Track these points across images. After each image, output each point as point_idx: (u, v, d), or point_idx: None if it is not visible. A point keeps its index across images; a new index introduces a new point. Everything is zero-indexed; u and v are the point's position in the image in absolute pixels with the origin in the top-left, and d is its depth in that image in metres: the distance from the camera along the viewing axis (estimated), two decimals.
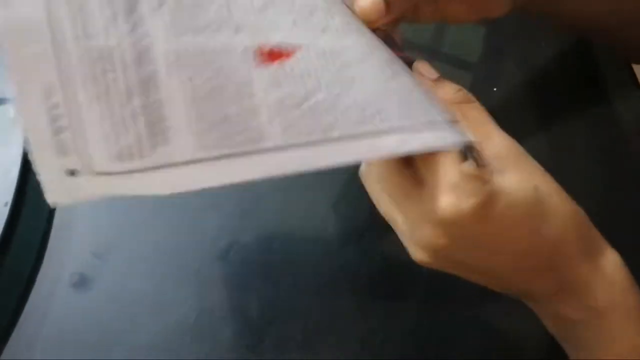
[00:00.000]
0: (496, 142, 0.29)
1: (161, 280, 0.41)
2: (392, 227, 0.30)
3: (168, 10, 0.22)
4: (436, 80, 0.30)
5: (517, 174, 0.28)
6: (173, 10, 0.22)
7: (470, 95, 0.30)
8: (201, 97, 0.22)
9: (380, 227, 0.31)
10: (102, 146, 0.20)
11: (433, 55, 0.49)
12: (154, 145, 0.21)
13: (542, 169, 0.29)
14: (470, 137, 0.26)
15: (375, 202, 0.30)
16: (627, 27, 0.39)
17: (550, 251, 0.28)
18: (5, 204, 0.39)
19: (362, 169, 0.31)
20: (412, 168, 0.28)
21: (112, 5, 0.20)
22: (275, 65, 0.24)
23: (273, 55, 0.24)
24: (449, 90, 0.30)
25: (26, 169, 0.41)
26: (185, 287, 0.41)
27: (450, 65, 0.49)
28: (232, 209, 0.43)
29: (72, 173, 0.19)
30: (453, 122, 0.26)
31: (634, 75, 0.47)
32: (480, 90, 0.48)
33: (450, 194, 0.26)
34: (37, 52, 0.19)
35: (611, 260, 0.29)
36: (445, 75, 0.33)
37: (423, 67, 0.30)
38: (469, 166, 0.26)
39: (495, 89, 0.47)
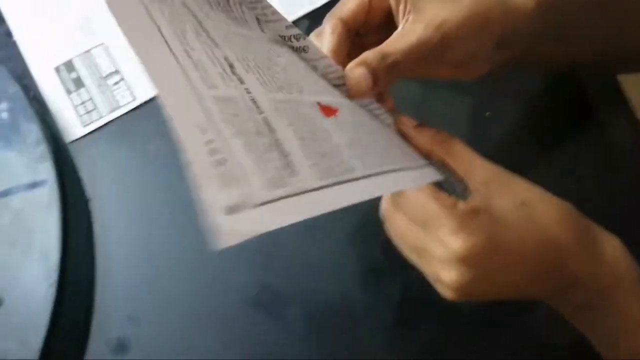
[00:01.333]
0: (480, 171, 0.32)
1: (199, 335, 0.43)
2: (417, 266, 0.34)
3: (255, 72, 0.26)
4: (416, 127, 0.34)
5: (504, 197, 0.31)
6: (258, 73, 0.26)
7: (448, 135, 0.34)
8: (302, 137, 0.26)
9: (395, 265, 0.34)
10: (255, 175, 0.22)
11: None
12: (288, 175, 0.23)
13: (525, 182, 0.32)
14: (443, 174, 0.32)
15: (397, 247, 0.35)
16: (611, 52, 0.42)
17: (553, 251, 0.32)
18: (50, 285, 0.42)
19: (384, 220, 0.35)
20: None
21: (219, 63, 0.24)
22: (332, 117, 0.29)
23: (328, 110, 0.29)
24: (430, 133, 0.34)
25: (65, 250, 0.44)
26: (222, 337, 0.43)
27: (447, 89, 0.51)
28: (256, 258, 0.45)
29: (234, 210, 0.20)
30: (431, 163, 0.33)
31: (619, 88, 0.49)
32: (473, 115, 0.51)
33: (461, 234, 0.30)
34: (185, 99, 0.22)
35: (610, 242, 0.32)
36: (443, 98, 0.36)
37: (403, 121, 0.35)
38: (464, 205, 0.31)
39: (487, 114, 0.50)
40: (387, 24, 0.37)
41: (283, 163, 0.23)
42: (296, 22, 0.57)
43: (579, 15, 0.38)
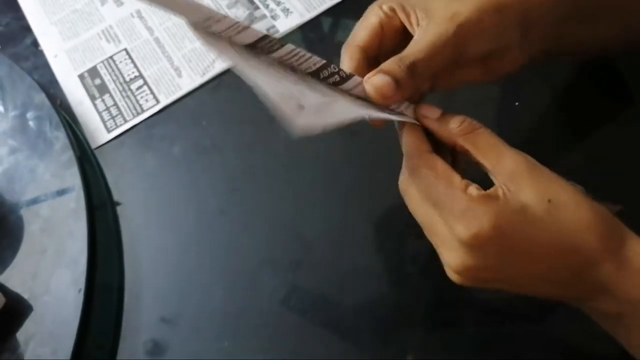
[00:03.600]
0: (508, 162, 0.30)
1: (231, 338, 0.42)
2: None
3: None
4: (440, 118, 0.33)
5: (531, 190, 0.29)
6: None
7: (474, 123, 0.32)
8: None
9: (427, 268, 0.33)
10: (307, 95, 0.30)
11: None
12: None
13: (557, 178, 0.30)
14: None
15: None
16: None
17: (574, 258, 0.29)
18: (79, 291, 0.42)
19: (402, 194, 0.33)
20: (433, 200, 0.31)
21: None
22: None
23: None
24: (454, 124, 0.32)
25: (93, 256, 0.44)
26: (253, 340, 0.42)
27: None
28: (284, 263, 0.45)
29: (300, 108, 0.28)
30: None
31: None
32: (502, 105, 0.49)
33: (464, 220, 0.29)
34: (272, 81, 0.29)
35: (638, 251, 0.29)
36: (471, 87, 0.35)
37: (425, 110, 0.33)
38: (474, 190, 0.29)
39: (517, 103, 0.48)
40: (404, 45, 0.35)
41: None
42: (317, 19, 0.56)
43: None
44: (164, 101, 0.53)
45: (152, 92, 0.54)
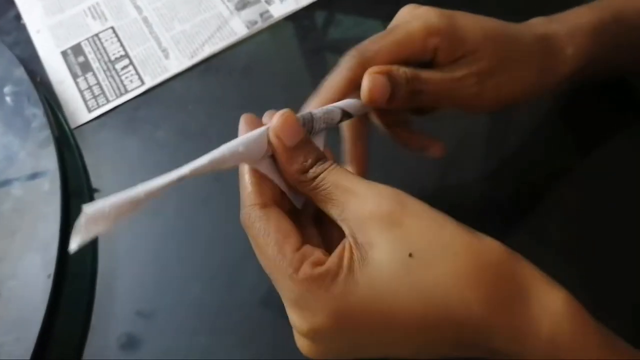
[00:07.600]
0: (355, 204, 0.25)
1: (209, 333, 0.41)
2: None
3: None
4: (291, 151, 0.27)
5: (384, 241, 0.24)
6: None
7: (321, 168, 0.27)
8: None
9: None
10: None
11: None
12: None
13: (433, 218, 0.24)
14: None
15: None
16: None
17: (450, 329, 0.23)
18: (49, 276, 0.40)
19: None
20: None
21: None
22: None
23: None
24: (295, 164, 0.27)
25: (65, 241, 0.42)
26: (232, 336, 0.40)
27: None
28: None
29: None
30: None
31: None
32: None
33: (297, 310, 0.25)
34: None
35: (552, 303, 0.23)
36: None
37: (282, 130, 0.28)
38: (307, 269, 0.24)
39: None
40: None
41: None
42: (312, 7, 0.54)
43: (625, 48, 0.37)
44: (150, 82, 0.51)
45: (137, 73, 0.52)
